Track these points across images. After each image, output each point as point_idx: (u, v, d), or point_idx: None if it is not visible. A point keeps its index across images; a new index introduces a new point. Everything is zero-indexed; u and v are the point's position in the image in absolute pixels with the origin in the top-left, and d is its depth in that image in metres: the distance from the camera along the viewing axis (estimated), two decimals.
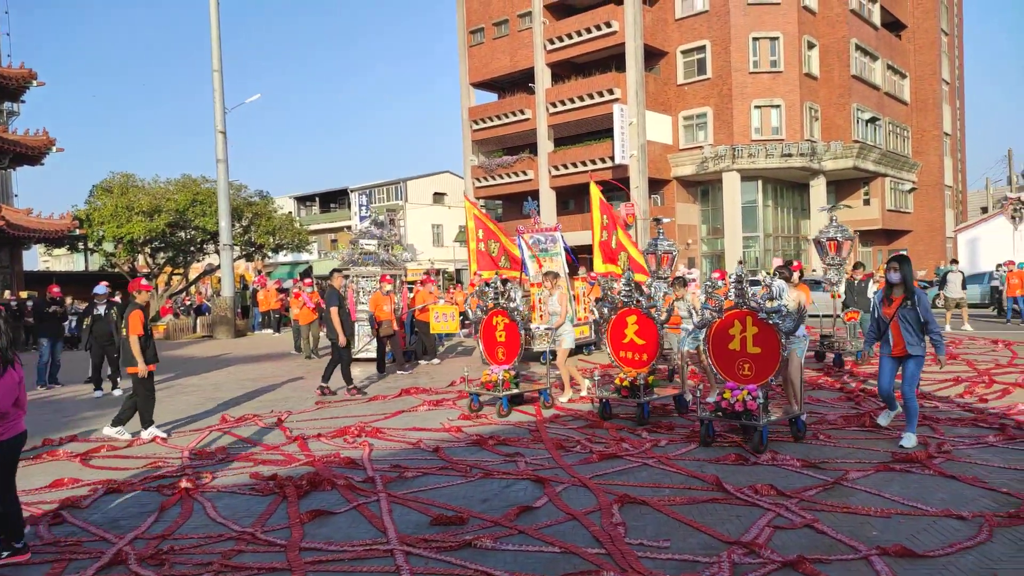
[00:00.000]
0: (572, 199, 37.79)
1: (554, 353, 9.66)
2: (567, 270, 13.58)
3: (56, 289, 13.32)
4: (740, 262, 15.49)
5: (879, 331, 6.47)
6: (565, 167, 36.07)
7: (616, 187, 32.33)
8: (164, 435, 7.91)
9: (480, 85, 40.73)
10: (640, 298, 7.95)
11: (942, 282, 18.03)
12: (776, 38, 34.50)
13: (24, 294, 23.29)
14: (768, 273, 8.33)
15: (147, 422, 7.93)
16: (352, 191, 52.38)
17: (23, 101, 27.29)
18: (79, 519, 5.13)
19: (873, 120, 38.48)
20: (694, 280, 14.43)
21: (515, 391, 8.58)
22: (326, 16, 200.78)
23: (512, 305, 8.63)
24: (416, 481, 5.80)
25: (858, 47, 37.33)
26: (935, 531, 4.34)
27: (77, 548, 4.55)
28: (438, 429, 7.78)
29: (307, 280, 17.82)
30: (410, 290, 15.68)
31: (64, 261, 58.90)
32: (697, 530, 4.46)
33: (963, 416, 7.46)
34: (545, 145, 36.91)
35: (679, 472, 5.76)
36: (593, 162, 34.86)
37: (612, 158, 33.77)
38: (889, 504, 4.81)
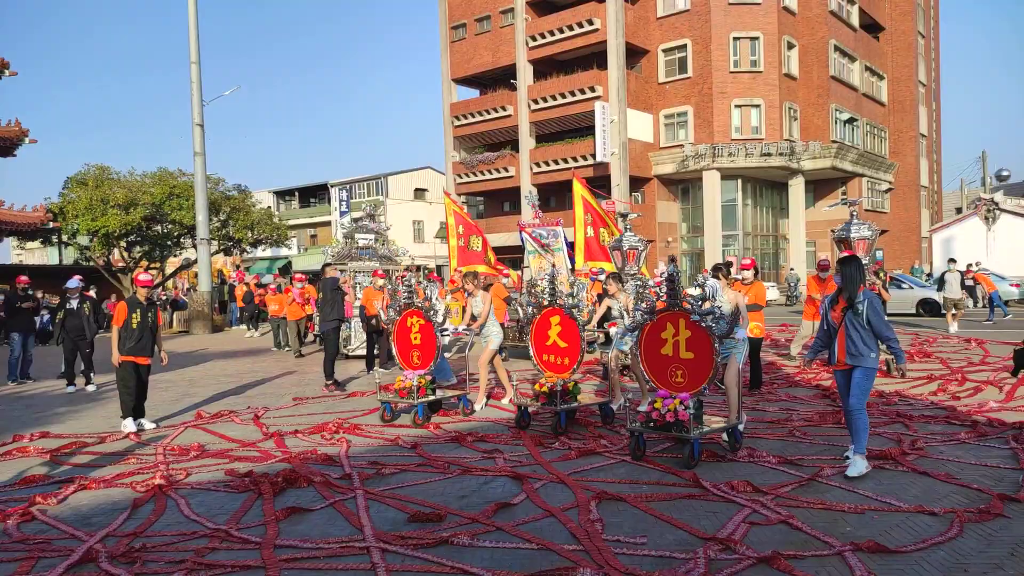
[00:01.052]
0: (553, 196, 37.84)
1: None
2: (570, 265, 13.36)
3: (24, 278, 12.94)
4: (671, 260, 14.64)
5: (827, 338, 5.73)
6: (547, 164, 36.10)
7: (597, 185, 32.39)
8: (136, 430, 7.82)
9: (462, 81, 40.63)
10: (564, 297, 7.38)
11: (940, 283, 18.04)
12: (756, 38, 34.76)
13: None
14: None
15: (124, 414, 7.92)
16: (332, 186, 51.99)
17: None
18: (49, 516, 5.04)
19: (851, 121, 38.92)
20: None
21: (432, 398, 7.97)
22: (305, 10, 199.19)
23: (428, 304, 8.05)
24: (394, 478, 5.77)
25: (837, 48, 37.71)
26: (907, 527, 4.39)
27: (46, 546, 4.47)
28: (416, 426, 7.75)
29: (298, 275, 17.59)
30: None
31: (37, 255, 57.94)
32: (674, 526, 4.48)
33: (936, 413, 7.57)
34: (527, 142, 36.91)
35: (657, 468, 5.78)
36: (575, 159, 34.93)
37: (593, 155, 33.86)
38: (863, 500, 4.86)
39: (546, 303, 7.52)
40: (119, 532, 4.68)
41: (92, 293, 13.15)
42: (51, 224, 25.58)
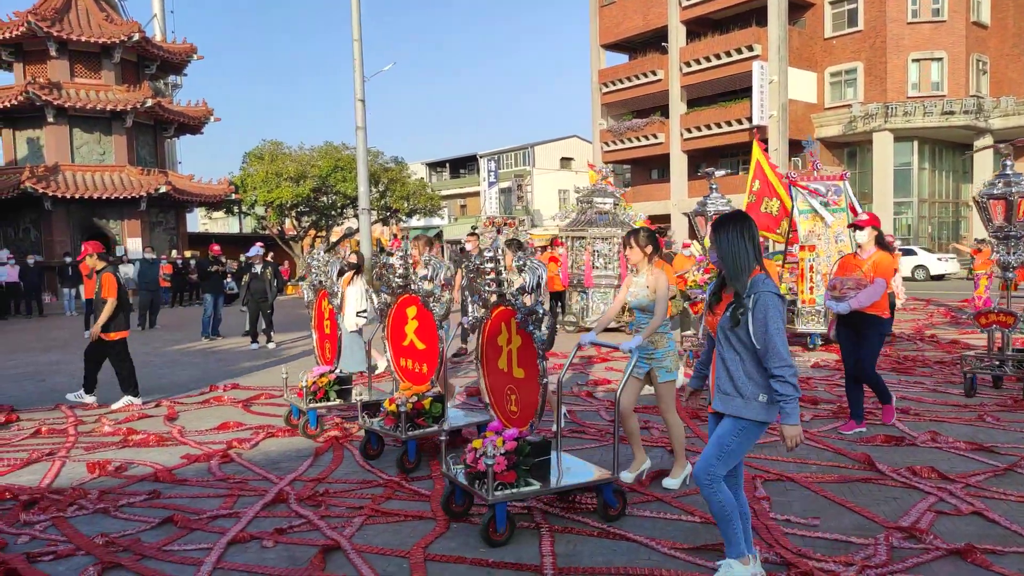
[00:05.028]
0: (704, 163, 36.45)
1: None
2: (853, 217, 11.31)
3: (217, 248, 14.48)
4: (498, 230, 11.05)
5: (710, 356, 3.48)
6: (698, 129, 34.79)
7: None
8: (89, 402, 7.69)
9: (611, 47, 39.88)
10: (419, 281, 5.57)
11: None
12: None
13: (188, 253, 25.51)
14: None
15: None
16: (481, 157, 53.14)
17: (185, 75, 29.58)
18: (244, 459, 5.59)
19: None
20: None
21: (331, 403, 6.31)
22: None
23: (336, 287, 6.62)
24: None
25: None
26: None
27: (244, 486, 4.96)
28: (566, 392, 7.82)
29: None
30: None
31: (220, 223, 63.83)
32: (849, 510, 4.23)
33: None
34: (677, 107, 35.73)
35: (826, 449, 5.48)
36: (728, 124, 33.39)
37: (749, 119, 32.20)
38: None
39: (398, 287, 5.72)
40: (304, 477, 5.10)
41: (271, 259, 14.33)
42: (233, 196, 28.08)
